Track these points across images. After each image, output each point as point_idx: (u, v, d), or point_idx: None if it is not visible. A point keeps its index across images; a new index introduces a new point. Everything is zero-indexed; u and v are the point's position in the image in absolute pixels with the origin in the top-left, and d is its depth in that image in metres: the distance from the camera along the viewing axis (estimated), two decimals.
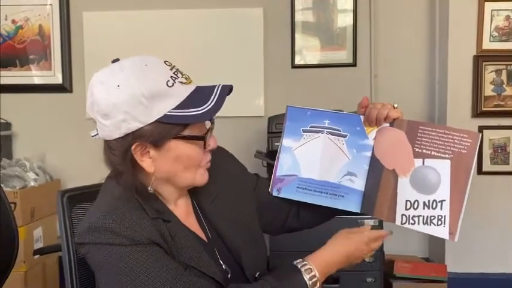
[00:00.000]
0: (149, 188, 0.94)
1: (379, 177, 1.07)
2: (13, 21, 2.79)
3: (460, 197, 0.99)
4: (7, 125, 2.80)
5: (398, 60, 2.77)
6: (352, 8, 2.73)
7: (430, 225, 1.00)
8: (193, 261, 0.93)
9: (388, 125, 1.07)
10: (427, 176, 1.02)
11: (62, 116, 2.82)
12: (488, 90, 2.53)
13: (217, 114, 0.92)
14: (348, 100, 2.68)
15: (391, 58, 2.77)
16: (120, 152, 0.91)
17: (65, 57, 2.80)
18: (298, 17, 2.75)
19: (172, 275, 0.88)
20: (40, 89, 2.82)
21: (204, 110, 0.89)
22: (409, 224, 1.03)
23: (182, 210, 1.02)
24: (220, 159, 1.06)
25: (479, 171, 2.55)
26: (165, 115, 0.88)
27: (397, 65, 2.77)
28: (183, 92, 0.90)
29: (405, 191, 1.03)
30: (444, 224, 0.99)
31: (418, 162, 1.02)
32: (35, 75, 2.82)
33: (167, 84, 0.88)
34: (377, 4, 2.75)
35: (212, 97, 0.90)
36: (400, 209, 1.03)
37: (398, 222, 1.05)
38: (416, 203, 1.02)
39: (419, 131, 1.03)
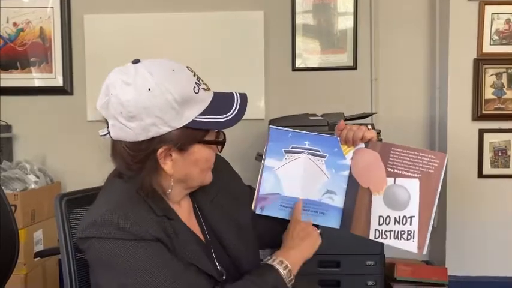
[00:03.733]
0: (169, 191, 0.98)
1: (356, 195, 1.14)
2: (14, 24, 2.80)
3: (427, 214, 1.05)
4: (8, 127, 2.81)
5: (398, 63, 2.78)
6: (352, 11, 2.74)
7: (401, 239, 1.08)
8: (194, 259, 0.95)
9: (363, 146, 1.14)
10: (398, 194, 1.09)
11: (62, 118, 2.83)
12: (488, 93, 2.53)
13: None
14: (348, 103, 2.70)
15: (391, 61, 2.78)
16: (144, 154, 0.92)
17: (66, 60, 2.81)
18: (299, 20, 2.76)
19: (173, 271, 0.89)
20: (41, 92, 2.83)
21: (230, 117, 0.94)
22: (381, 238, 1.10)
23: (185, 210, 1.05)
24: (218, 163, 1.07)
25: (480, 174, 2.55)
26: (193, 120, 0.92)
27: (397, 68, 2.78)
28: (206, 98, 0.94)
29: (378, 207, 1.10)
30: (413, 238, 1.06)
31: (390, 181, 1.10)
32: (36, 78, 2.82)
33: (194, 91, 0.92)
34: (377, 7, 2.76)
35: (235, 105, 0.96)
36: (373, 224, 1.11)
37: (372, 236, 1.12)
38: (388, 218, 1.09)
39: (392, 152, 1.10)
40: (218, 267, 1.02)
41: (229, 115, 0.94)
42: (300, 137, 1.16)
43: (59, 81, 2.82)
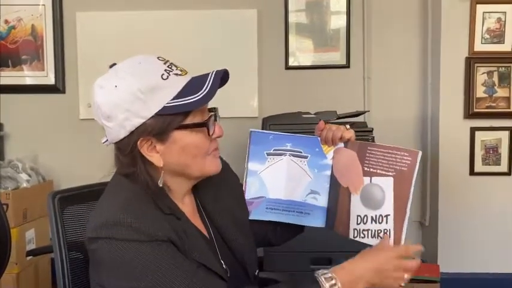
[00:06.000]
0: (159, 182, 0.95)
1: (337, 194, 1.14)
2: (6, 21, 2.78)
3: (402, 212, 1.04)
4: None
5: (391, 61, 2.79)
6: (345, 10, 2.75)
7: (377, 238, 1.07)
8: (203, 259, 0.94)
9: (343, 145, 1.15)
10: (373, 193, 1.08)
11: (54, 116, 2.81)
12: (480, 91, 2.55)
13: None
14: (341, 101, 2.71)
15: (384, 60, 2.79)
16: (128, 150, 0.93)
17: (58, 57, 2.79)
18: (292, 18, 2.76)
19: (187, 273, 0.88)
20: (33, 90, 2.81)
21: (199, 97, 0.91)
22: (359, 237, 1.09)
23: (189, 208, 1.04)
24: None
25: (471, 172, 2.57)
26: (164, 107, 0.90)
27: (390, 67, 2.79)
28: (178, 83, 0.92)
29: (356, 207, 1.10)
30: (389, 237, 1.06)
31: (366, 180, 1.09)
32: (28, 76, 2.80)
33: (162, 77, 0.91)
34: (370, 6, 2.77)
35: (207, 83, 0.92)
36: (352, 223, 1.11)
37: (351, 236, 1.11)
38: (365, 218, 1.09)
39: (368, 151, 1.10)
40: (223, 265, 1.01)
41: (200, 94, 0.91)
42: (281, 139, 1.16)
43: (51, 79, 2.80)
